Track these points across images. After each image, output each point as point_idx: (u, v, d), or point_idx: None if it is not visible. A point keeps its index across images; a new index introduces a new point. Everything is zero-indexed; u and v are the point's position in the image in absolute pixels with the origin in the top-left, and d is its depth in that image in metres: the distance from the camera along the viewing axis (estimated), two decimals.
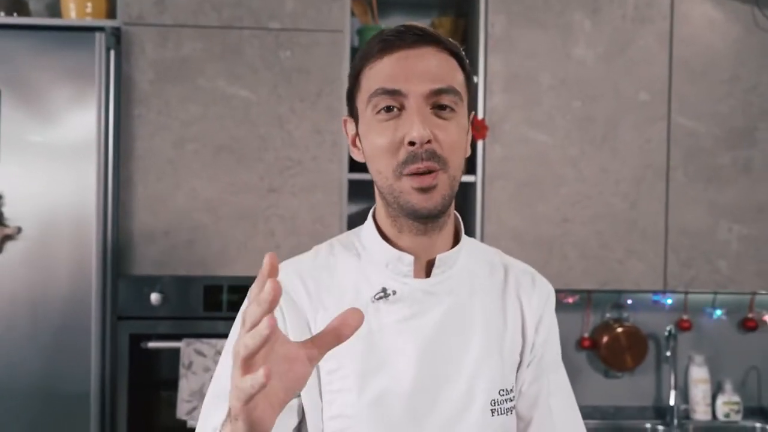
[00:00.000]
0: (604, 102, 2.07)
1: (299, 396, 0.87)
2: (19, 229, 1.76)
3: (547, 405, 0.93)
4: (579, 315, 2.36)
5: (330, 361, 0.84)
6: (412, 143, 0.81)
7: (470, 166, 2.11)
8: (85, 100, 1.79)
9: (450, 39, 0.88)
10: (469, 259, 0.94)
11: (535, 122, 2.06)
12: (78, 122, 1.79)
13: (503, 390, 0.89)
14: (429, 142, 0.82)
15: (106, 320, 1.81)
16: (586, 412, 2.41)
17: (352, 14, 2.10)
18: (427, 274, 0.90)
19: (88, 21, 1.89)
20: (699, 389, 2.33)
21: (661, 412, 2.36)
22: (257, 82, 1.91)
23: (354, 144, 0.92)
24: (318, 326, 0.88)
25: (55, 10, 2.08)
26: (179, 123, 1.89)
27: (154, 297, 1.84)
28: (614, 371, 2.36)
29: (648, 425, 2.32)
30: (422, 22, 2.30)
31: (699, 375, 2.34)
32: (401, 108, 0.83)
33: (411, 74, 0.82)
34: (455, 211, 0.95)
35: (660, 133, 2.08)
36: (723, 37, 2.08)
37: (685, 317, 2.32)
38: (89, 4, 1.92)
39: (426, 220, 0.86)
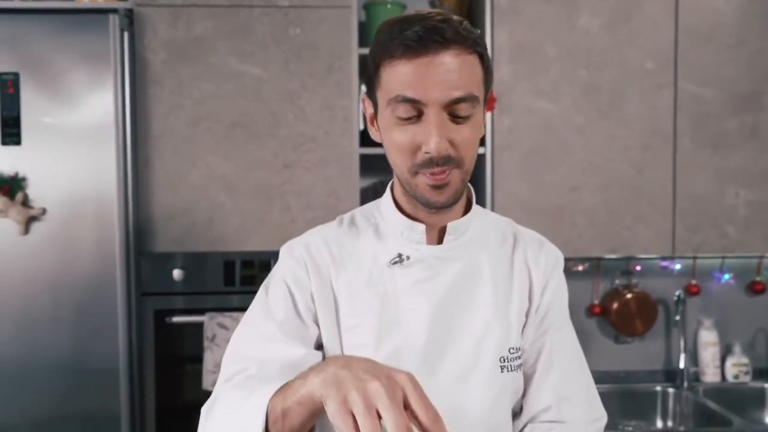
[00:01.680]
0: (609, 71, 2.09)
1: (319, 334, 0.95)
2: (44, 210, 1.81)
3: (549, 360, 0.98)
4: (589, 282, 2.40)
5: (350, 318, 0.94)
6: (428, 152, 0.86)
7: None
8: (101, 82, 1.83)
9: (472, 31, 0.88)
10: (480, 228, 1.01)
11: (541, 92, 2.08)
12: (95, 104, 1.83)
13: (512, 348, 0.96)
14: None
15: (131, 297, 1.86)
16: (597, 377, 2.44)
17: None
18: (440, 242, 0.97)
19: (102, 3, 1.91)
20: (708, 352, 2.38)
21: (671, 375, 2.41)
22: (268, 59, 1.94)
23: (372, 123, 0.96)
24: (340, 286, 0.96)
25: None
26: (192, 101, 1.92)
27: (176, 273, 1.88)
28: (624, 336, 2.40)
29: (658, 388, 2.37)
30: None
31: (708, 338, 2.38)
32: (420, 114, 0.86)
33: (431, 83, 0.84)
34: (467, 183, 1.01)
35: (666, 100, 2.10)
36: (728, 1, 2.09)
37: (693, 282, 2.36)
38: None
39: (438, 209, 0.93)
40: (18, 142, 1.79)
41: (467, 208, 1.00)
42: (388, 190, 1.01)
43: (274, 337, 0.92)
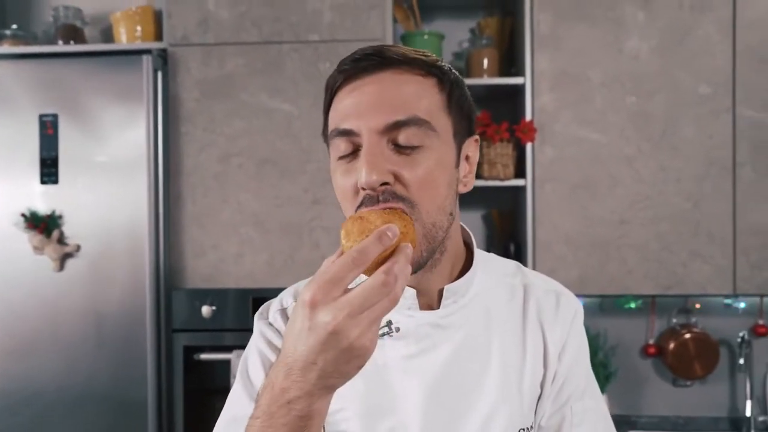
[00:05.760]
0: (661, 97, 1.96)
1: None
2: (78, 247, 1.85)
3: None
4: (643, 320, 2.24)
5: (332, 400, 0.73)
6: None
7: (519, 170, 2.05)
8: (135, 120, 1.86)
9: (426, 52, 0.77)
10: (485, 283, 0.86)
11: (586, 121, 1.97)
12: (129, 142, 1.86)
13: (523, 429, 0.83)
14: (387, 184, 0.71)
15: (161, 333, 1.87)
16: (654, 423, 2.31)
17: (395, 21, 2.08)
18: (438, 305, 0.83)
19: (137, 45, 1.96)
20: None
21: (737, 424, 2.22)
22: (298, 95, 1.92)
23: None
24: None
25: (108, 35, 2.17)
26: (224, 138, 1.93)
27: (205, 310, 1.88)
28: (683, 379, 2.23)
29: None
30: (468, 24, 2.27)
31: None
32: (358, 148, 0.73)
33: (364, 108, 0.72)
34: (462, 225, 0.87)
35: (724, 127, 1.94)
36: None
37: (761, 322, 2.17)
38: (139, 28, 1.99)
39: None
40: (55, 181, 1.84)
41: (468, 261, 0.86)
42: None
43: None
